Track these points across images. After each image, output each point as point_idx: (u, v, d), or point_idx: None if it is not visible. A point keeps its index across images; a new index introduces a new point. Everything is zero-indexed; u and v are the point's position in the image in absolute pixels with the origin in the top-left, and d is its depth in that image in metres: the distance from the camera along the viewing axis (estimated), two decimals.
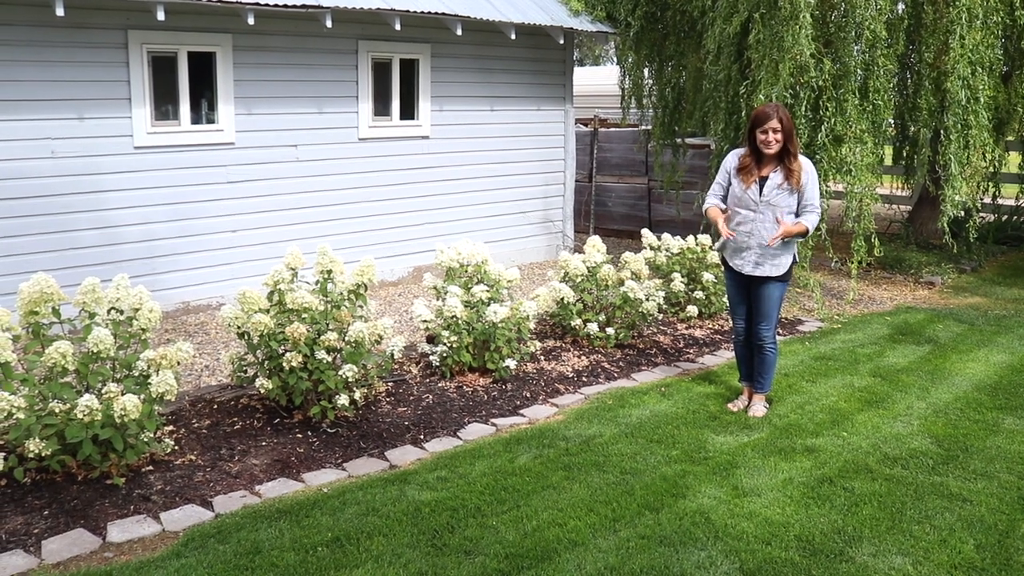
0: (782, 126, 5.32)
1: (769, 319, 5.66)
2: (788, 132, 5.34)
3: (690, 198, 10.97)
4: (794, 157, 5.40)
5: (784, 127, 5.32)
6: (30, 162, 7.02)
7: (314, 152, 8.61)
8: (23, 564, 3.81)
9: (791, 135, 5.36)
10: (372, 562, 3.81)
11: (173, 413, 5.41)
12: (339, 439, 5.17)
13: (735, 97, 8.33)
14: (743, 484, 4.65)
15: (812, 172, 5.47)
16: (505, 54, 9.92)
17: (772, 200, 5.43)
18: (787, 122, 5.33)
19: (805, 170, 5.42)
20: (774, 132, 5.33)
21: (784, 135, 5.34)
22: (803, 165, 5.43)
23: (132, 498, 4.39)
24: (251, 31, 7.86)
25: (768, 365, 5.75)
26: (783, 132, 5.33)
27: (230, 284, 8.04)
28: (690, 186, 11.15)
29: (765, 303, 5.63)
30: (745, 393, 5.89)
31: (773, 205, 5.44)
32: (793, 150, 5.38)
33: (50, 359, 4.36)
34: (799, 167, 5.40)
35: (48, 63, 6.99)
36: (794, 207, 5.45)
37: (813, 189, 5.44)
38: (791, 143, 5.37)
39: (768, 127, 5.33)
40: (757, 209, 5.48)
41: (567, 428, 5.39)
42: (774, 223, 5.43)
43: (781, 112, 5.35)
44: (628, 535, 4.10)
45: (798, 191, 5.40)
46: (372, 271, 5.48)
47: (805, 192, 5.41)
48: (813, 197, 5.44)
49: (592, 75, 19.35)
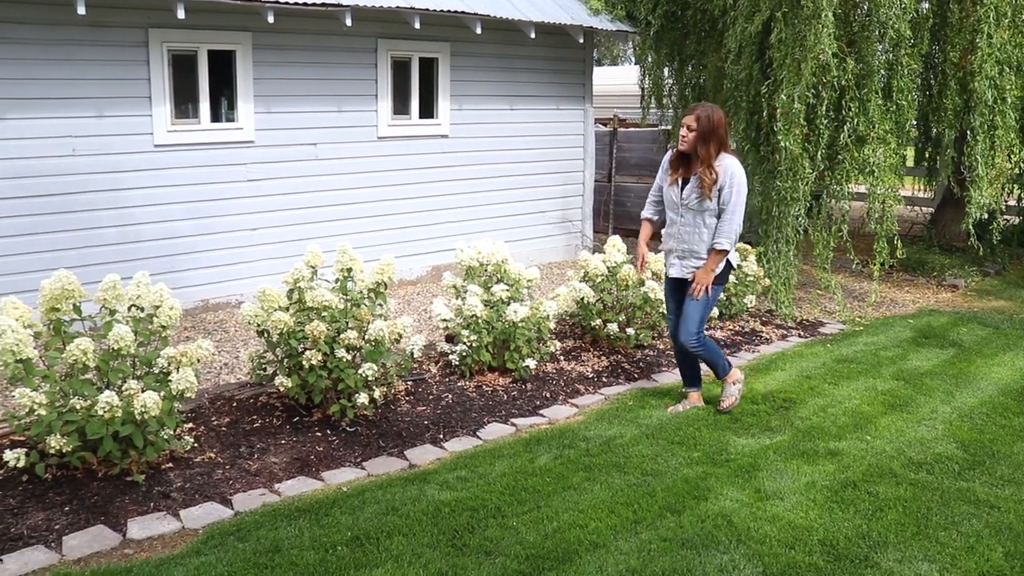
0: (698, 124, 5.09)
1: (690, 319, 5.43)
2: (704, 133, 5.10)
3: None
4: (704, 163, 5.14)
5: (700, 126, 5.09)
6: (51, 160, 7.05)
7: (333, 151, 8.61)
8: (44, 560, 3.81)
9: (707, 137, 5.10)
10: (392, 562, 3.78)
11: (193, 410, 5.41)
12: (358, 438, 5.15)
13: (756, 97, 8.26)
14: (765, 487, 4.60)
15: (740, 180, 5.19)
16: (525, 53, 9.89)
17: (690, 204, 5.27)
18: (706, 122, 5.08)
19: (728, 175, 5.15)
20: (689, 129, 5.14)
21: (699, 135, 5.10)
22: (731, 172, 5.16)
23: (152, 495, 4.38)
24: (271, 29, 7.86)
25: (709, 359, 5.60)
26: (697, 131, 5.10)
27: (249, 282, 8.05)
28: None
29: (688, 303, 5.43)
30: (689, 397, 5.78)
31: (691, 209, 5.28)
32: (703, 155, 5.13)
33: (71, 356, 4.36)
34: (711, 176, 5.14)
35: (69, 61, 7.01)
36: (714, 211, 5.23)
37: (735, 195, 5.16)
38: (703, 147, 5.12)
39: (685, 121, 5.16)
40: (678, 211, 5.36)
41: (587, 429, 5.35)
42: (696, 227, 5.28)
43: (704, 111, 5.13)
44: (649, 537, 4.06)
45: (717, 197, 5.17)
46: (392, 269, 5.46)
47: (723, 197, 5.16)
48: (731, 202, 5.16)
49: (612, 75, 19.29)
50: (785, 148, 7.66)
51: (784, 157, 7.76)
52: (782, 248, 8.08)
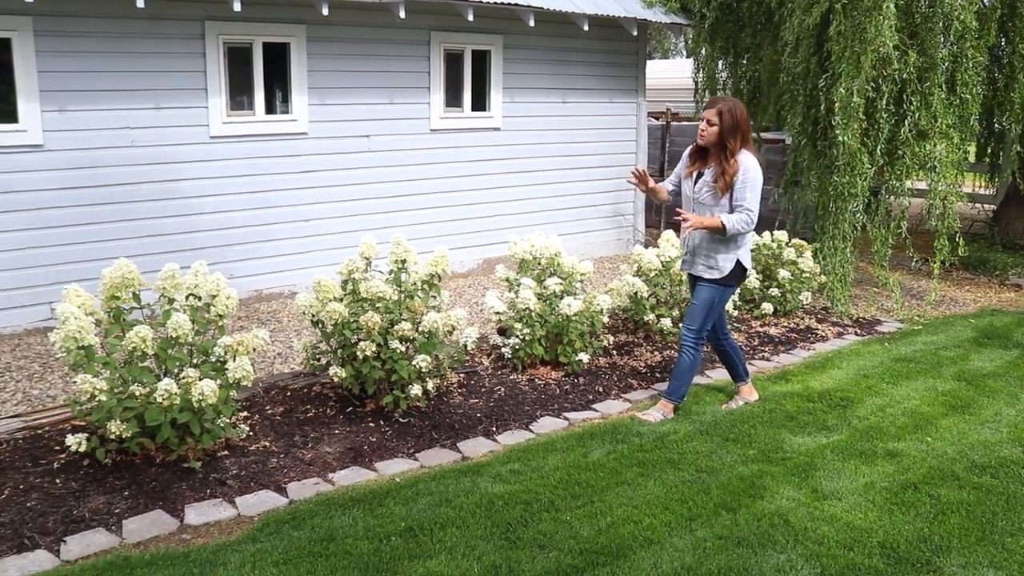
0: (720, 119, 4.97)
1: (692, 318, 5.30)
2: (727, 127, 4.96)
3: (764, 193, 10.71)
4: (729, 156, 5.00)
5: (723, 121, 4.96)
6: (111, 151, 7.16)
7: (386, 143, 8.63)
8: (105, 542, 3.87)
9: (731, 131, 4.96)
10: (446, 553, 3.78)
11: (247, 399, 5.46)
12: (411, 429, 5.16)
13: (813, 90, 8.12)
14: (822, 487, 4.52)
15: (752, 175, 5.02)
16: (577, 46, 9.83)
17: (701, 199, 5.15)
18: (728, 117, 4.96)
19: (742, 171, 4.99)
20: (709, 123, 5.01)
21: (722, 129, 4.97)
22: (744, 167, 5.00)
23: (208, 482, 4.43)
24: (325, 22, 7.89)
25: (680, 370, 5.38)
26: (720, 127, 4.97)
27: (302, 273, 8.11)
28: (764, 181, 10.90)
29: (693, 302, 5.32)
30: (740, 392, 5.72)
31: (702, 204, 5.15)
32: (731, 147, 4.98)
33: (131, 343, 4.42)
34: (733, 168, 4.99)
35: (128, 54, 7.11)
36: (727, 209, 5.07)
37: (747, 192, 5.00)
38: (730, 141, 4.98)
39: (705, 115, 5.04)
40: (690, 206, 5.24)
41: (640, 424, 5.30)
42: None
43: (726, 105, 5.01)
44: (705, 535, 4.00)
45: (730, 194, 5.02)
46: (446, 261, 5.46)
47: (735, 193, 5.00)
48: (744, 199, 5.00)
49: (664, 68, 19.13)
50: (843, 143, 7.52)
51: (842, 152, 7.62)
52: (838, 244, 7.93)
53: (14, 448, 4.74)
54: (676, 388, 5.43)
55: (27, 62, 6.66)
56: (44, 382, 5.96)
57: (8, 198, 6.74)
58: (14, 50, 6.61)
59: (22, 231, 6.83)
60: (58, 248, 6.98)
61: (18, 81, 6.66)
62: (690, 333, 5.32)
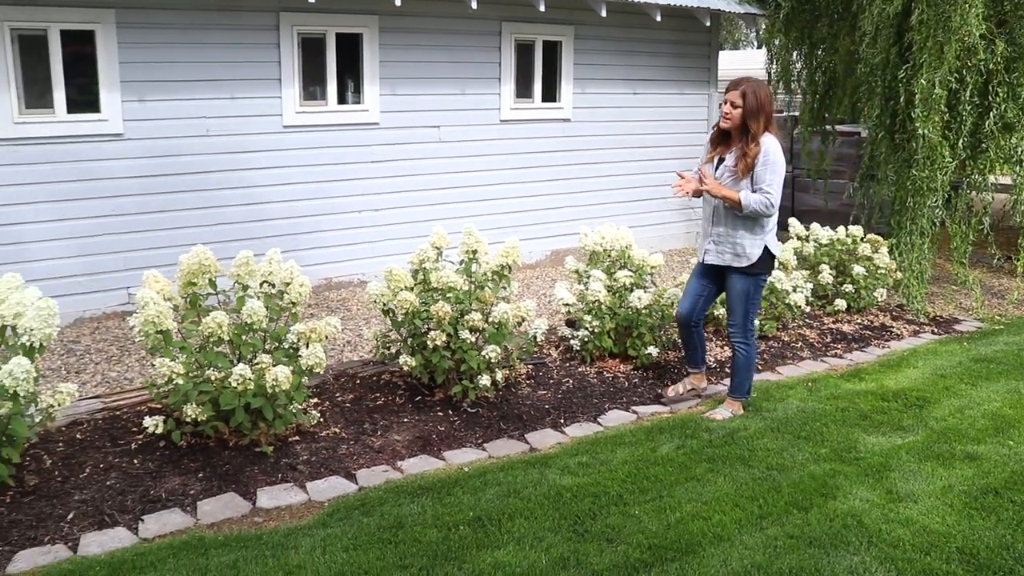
0: (744, 101, 4.82)
1: (734, 314, 5.14)
2: (751, 110, 4.82)
3: (838, 187, 10.54)
4: (753, 139, 4.87)
5: (747, 103, 4.82)
6: (186, 140, 7.30)
7: (456, 133, 8.66)
8: (180, 522, 3.96)
9: (755, 113, 4.82)
10: (514, 544, 3.78)
11: (318, 386, 5.53)
12: (479, 419, 5.17)
13: (892, 82, 7.90)
14: (898, 488, 4.41)
15: (775, 159, 4.88)
16: (649, 36, 9.73)
17: (722, 183, 4.97)
18: (752, 99, 4.82)
19: (763, 153, 4.86)
20: (733, 106, 4.86)
21: (745, 112, 4.83)
22: (764, 149, 4.86)
23: (280, 466, 4.50)
24: (397, 12, 7.94)
25: (738, 367, 5.26)
26: (744, 108, 4.83)
27: (371, 262, 8.19)
28: (838, 175, 10.71)
29: (729, 297, 5.16)
30: (689, 378, 5.52)
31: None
32: (753, 130, 4.85)
33: (207, 328, 4.50)
34: (755, 151, 4.85)
35: (204, 45, 7.24)
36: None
37: (767, 174, 4.85)
38: (753, 123, 4.84)
39: (728, 98, 4.88)
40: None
41: (710, 419, 5.23)
42: (728, 210, 4.97)
43: (750, 86, 4.86)
44: (775, 533, 3.94)
45: (750, 177, 4.88)
46: (517, 252, 5.45)
47: (755, 175, 4.86)
48: (764, 180, 4.85)
49: (736, 59, 18.84)
50: (923, 135, 7.32)
51: (921, 145, 7.41)
52: (916, 240, 7.73)
53: (94, 428, 4.87)
54: (740, 385, 5.33)
55: (109, 53, 6.83)
56: (122, 365, 6.12)
57: (89, 185, 6.93)
58: (97, 42, 6.78)
59: (101, 218, 7.02)
60: (134, 235, 7.15)
61: (101, 72, 6.83)
62: (736, 329, 5.17)
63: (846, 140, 10.81)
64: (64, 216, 6.86)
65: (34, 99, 6.67)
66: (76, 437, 4.76)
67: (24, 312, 4.11)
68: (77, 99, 6.82)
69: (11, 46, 6.46)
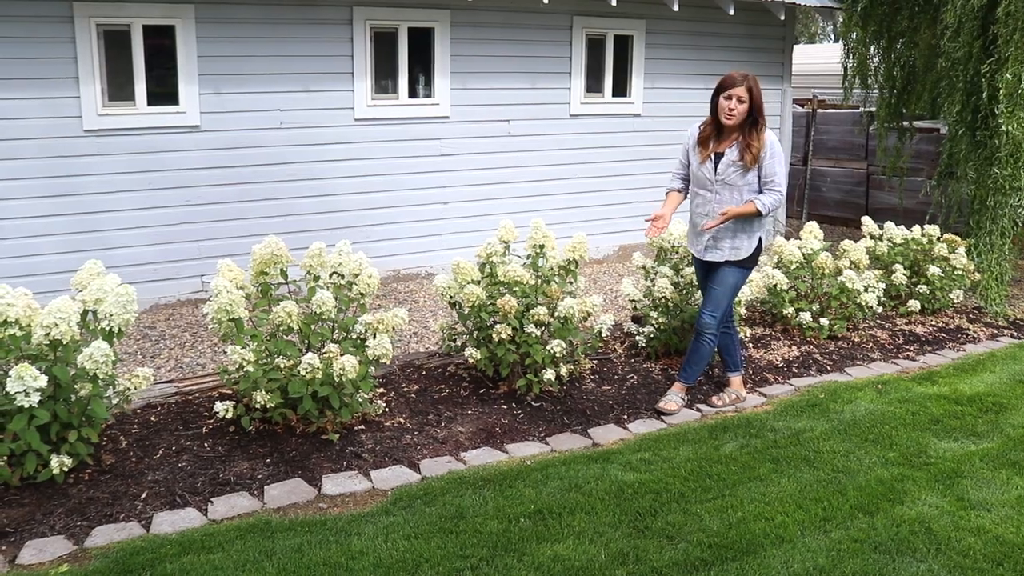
0: (750, 96, 4.86)
1: (716, 305, 5.17)
2: (757, 104, 4.87)
3: (915, 185, 10.29)
4: (759, 132, 4.92)
5: (753, 97, 4.86)
6: (261, 132, 7.46)
7: (525, 127, 8.68)
8: (248, 506, 4.06)
9: (760, 108, 4.89)
10: (573, 538, 3.79)
11: (383, 376, 5.60)
12: (543, 413, 5.19)
13: (975, 76, 7.68)
14: (969, 496, 4.30)
15: (777, 150, 4.98)
16: (721, 30, 9.61)
17: (728, 179, 5.00)
18: (757, 92, 4.88)
19: (768, 145, 4.93)
20: (739, 101, 4.86)
21: (751, 105, 4.87)
22: (766, 141, 4.93)
23: (345, 454, 4.58)
24: (469, 7, 7.98)
25: (700, 355, 5.28)
26: (751, 103, 4.87)
27: (438, 255, 8.26)
28: (915, 172, 10.45)
29: (716, 287, 5.17)
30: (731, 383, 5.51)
31: (729, 185, 5.01)
32: (761, 123, 4.92)
33: (277, 318, 4.60)
34: (760, 143, 4.91)
35: (279, 39, 7.38)
36: (754, 186, 5.00)
37: (776, 166, 4.95)
38: (760, 115, 4.91)
39: (733, 93, 4.85)
40: (712, 189, 5.06)
41: (775, 419, 5.17)
42: (730, 204, 4.99)
43: (751, 81, 4.89)
44: (839, 537, 3.88)
45: (757, 169, 4.94)
46: (584, 248, 5.45)
47: (764, 168, 4.94)
48: (774, 174, 4.95)
49: (810, 53, 18.48)
50: (1007, 132, 7.10)
51: (1004, 142, 7.20)
52: (996, 241, 7.52)
53: (168, 411, 5.02)
54: (694, 373, 5.35)
55: (188, 47, 7.00)
56: (195, 351, 6.29)
57: (166, 176, 7.12)
58: (177, 36, 6.96)
59: (178, 207, 7.21)
60: (209, 224, 7.33)
61: (180, 66, 7.02)
62: (713, 321, 5.20)
63: (924, 136, 10.54)
64: (143, 205, 7.07)
65: (116, 92, 6.89)
66: (150, 419, 4.91)
67: (105, 298, 4.25)
68: (157, 92, 7.02)
69: (96, 41, 6.68)
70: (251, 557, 3.60)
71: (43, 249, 6.72)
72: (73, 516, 3.91)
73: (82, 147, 6.78)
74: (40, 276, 6.40)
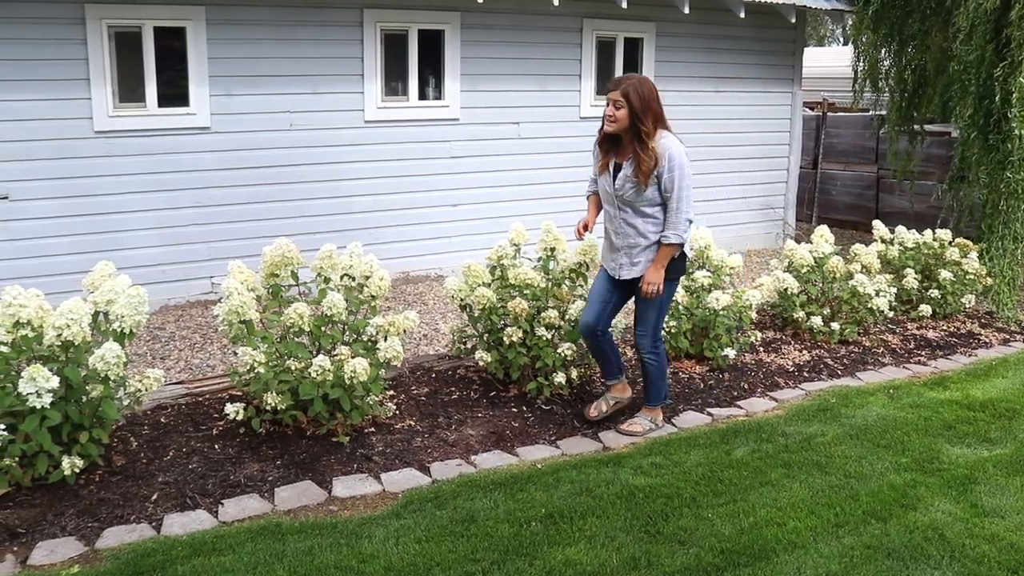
0: (627, 101, 4.27)
1: (645, 323, 4.73)
2: (638, 109, 4.28)
3: (925, 189, 10.25)
4: (644, 144, 4.32)
5: (631, 102, 4.28)
6: (271, 133, 7.47)
7: (535, 130, 8.68)
8: (258, 508, 4.05)
9: (643, 112, 4.29)
10: (585, 542, 3.78)
11: (394, 379, 5.59)
12: (553, 416, 5.17)
13: (988, 80, 7.65)
14: (983, 502, 4.27)
15: (680, 162, 4.36)
16: (731, 33, 9.59)
17: (624, 194, 4.47)
18: (636, 96, 4.28)
19: (667, 160, 4.33)
20: (615, 106, 4.31)
21: (630, 112, 4.29)
22: (668, 153, 4.34)
23: (355, 457, 4.57)
24: (479, 9, 7.98)
25: (652, 376, 4.87)
26: (629, 108, 4.29)
27: (448, 257, 8.26)
28: (926, 176, 10.42)
29: (641, 306, 4.71)
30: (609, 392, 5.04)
31: (625, 201, 4.49)
32: (645, 131, 4.30)
33: (288, 319, 4.60)
34: (650, 157, 4.31)
35: (290, 41, 7.40)
36: (656, 203, 4.46)
37: (679, 184, 4.36)
38: (641, 124, 4.29)
39: (610, 98, 4.32)
40: (614, 204, 4.57)
41: (786, 424, 5.15)
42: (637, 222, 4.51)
43: (631, 83, 4.31)
44: (852, 543, 3.86)
45: (658, 186, 4.40)
46: (595, 250, 5.43)
47: (664, 183, 4.36)
48: (677, 198, 4.37)
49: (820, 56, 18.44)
50: (1020, 136, 7.10)
51: (1017, 146, 7.18)
52: (1008, 245, 7.49)
53: (178, 413, 5.02)
54: (656, 392, 4.97)
55: (199, 49, 7.02)
56: (204, 352, 6.29)
57: (177, 177, 7.14)
58: (188, 38, 6.98)
59: (188, 208, 7.23)
60: (219, 225, 7.34)
61: (190, 67, 7.04)
62: (646, 340, 4.79)
63: (935, 140, 10.51)
64: (153, 207, 7.09)
65: (127, 93, 6.90)
66: (161, 421, 4.91)
67: (116, 299, 4.25)
68: (167, 93, 7.04)
69: (108, 43, 6.69)
70: (262, 559, 3.60)
71: (55, 250, 6.74)
72: (84, 517, 3.91)
73: (93, 148, 6.80)
74: (52, 277, 6.41)
